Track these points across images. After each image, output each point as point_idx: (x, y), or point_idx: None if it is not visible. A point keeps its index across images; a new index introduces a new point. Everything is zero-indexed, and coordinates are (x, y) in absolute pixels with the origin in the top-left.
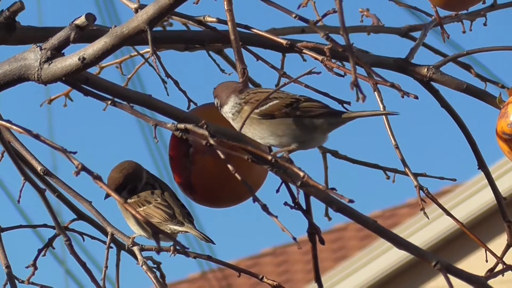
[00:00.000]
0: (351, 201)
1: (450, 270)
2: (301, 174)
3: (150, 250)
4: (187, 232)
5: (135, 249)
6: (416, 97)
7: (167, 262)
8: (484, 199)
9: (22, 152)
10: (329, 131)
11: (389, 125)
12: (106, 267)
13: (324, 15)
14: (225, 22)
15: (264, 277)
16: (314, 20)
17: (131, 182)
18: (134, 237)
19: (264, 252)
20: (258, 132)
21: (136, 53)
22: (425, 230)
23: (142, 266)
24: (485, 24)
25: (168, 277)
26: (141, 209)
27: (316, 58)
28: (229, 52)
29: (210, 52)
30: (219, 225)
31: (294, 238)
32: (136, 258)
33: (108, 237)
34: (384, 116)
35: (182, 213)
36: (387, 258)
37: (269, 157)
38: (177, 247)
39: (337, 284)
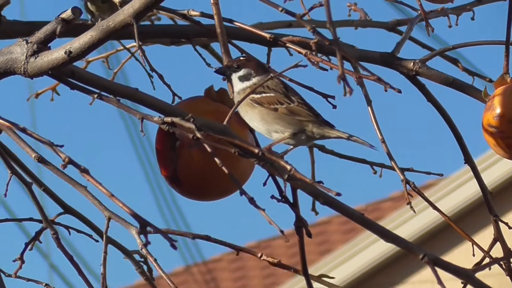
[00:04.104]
0: (338, 194)
1: (437, 263)
2: (288, 167)
3: (149, 233)
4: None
5: (133, 231)
6: (400, 91)
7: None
8: (469, 192)
9: (15, 140)
10: (311, 138)
11: (375, 119)
12: (106, 252)
13: (311, 9)
14: (209, 16)
15: (263, 255)
16: (300, 14)
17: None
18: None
19: (248, 245)
20: (249, 115)
21: (122, 48)
22: (409, 224)
23: (141, 249)
24: (472, 19)
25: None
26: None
27: (300, 52)
28: (215, 46)
29: (196, 47)
30: (203, 219)
31: (282, 231)
32: (123, 252)
33: (106, 221)
34: (370, 110)
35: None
36: (371, 251)
37: (256, 150)
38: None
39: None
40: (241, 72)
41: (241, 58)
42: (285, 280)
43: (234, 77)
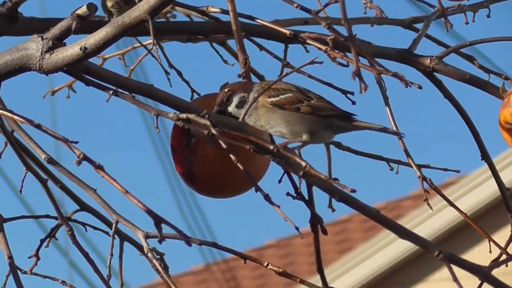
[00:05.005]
0: (353, 190)
1: (452, 260)
2: (303, 164)
3: (155, 237)
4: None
5: (140, 235)
6: (420, 87)
7: (171, 254)
8: (488, 190)
9: (26, 140)
10: (336, 133)
11: (392, 116)
12: (112, 255)
13: (326, 5)
14: (228, 13)
15: (270, 264)
16: (316, 10)
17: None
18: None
19: (268, 244)
20: (270, 120)
21: (139, 45)
22: (429, 222)
23: (147, 253)
24: (488, 16)
25: (172, 269)
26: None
27: (319, 48)
28: (232, 43)
29: (213, 44)
30: (223, 217)
31: (297, 228)
32: (139, 248)
33: (114, 225)
34: (387, 109)
35: None
36: (391, 250)
37: (271, 147)
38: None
39: (341, 276)
40: (235, 101)
41: (226, 91)
42: (305, 278)
43: (231, 109)
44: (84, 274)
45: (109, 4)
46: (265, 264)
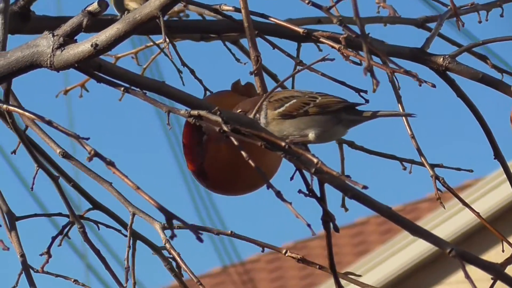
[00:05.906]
0: (365, 187)
1: (465, 257)
2: (315, 160)
3: (171, 229)
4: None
5: (157, 227)
6: (434, 86)
7: (188, 256)
8: (504, 193)
9: (41, 135)
10: (349, 126)
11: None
12: (130, 246)
13: (338, 1)
14: (241, 11)
15: (288, 251)
16: (327, 6)
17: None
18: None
19: (285, 246)
20: (283, 131)
21: (151, 43)
22: (445, 224)
23: (165, 244)
24: (501, 15)
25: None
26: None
27: (333, 47)
28: (245, 42)
29: (226, 42)
30: (239, 218)
31: (309, 225)
32: (151, 247)
33: (130, 217)
34: (400, 108)
35: None
36: (408, 252)
37: (283, 144)
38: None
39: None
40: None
41: (238, 111)
42: (323, 280)
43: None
44: (101, 277)
45: (132, 4)
46: (284, 252)
